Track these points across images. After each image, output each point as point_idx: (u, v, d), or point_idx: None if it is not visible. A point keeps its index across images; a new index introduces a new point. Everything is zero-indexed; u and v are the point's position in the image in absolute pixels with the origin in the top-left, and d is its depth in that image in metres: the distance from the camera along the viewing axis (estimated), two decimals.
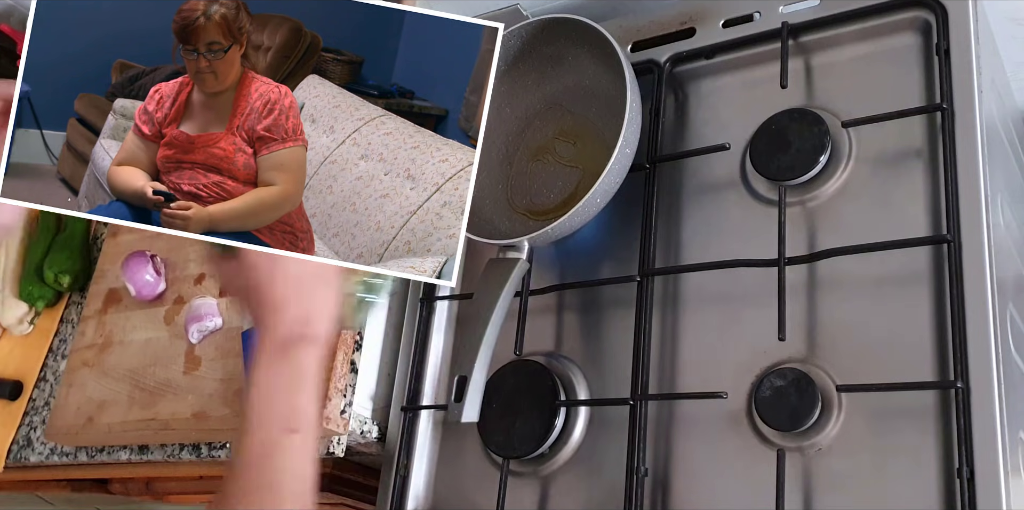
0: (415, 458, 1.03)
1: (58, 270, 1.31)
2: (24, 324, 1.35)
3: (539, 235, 0.94)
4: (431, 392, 1.06)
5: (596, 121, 1.02)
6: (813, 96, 0.97)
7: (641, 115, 0.95)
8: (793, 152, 0.92)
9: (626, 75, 0.94)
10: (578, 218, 0.93)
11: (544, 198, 1.03)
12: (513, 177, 1.06)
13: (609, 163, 0.91)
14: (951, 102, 0.87)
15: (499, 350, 0.98)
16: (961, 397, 0.77)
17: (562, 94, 1.06)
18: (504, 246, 0.96)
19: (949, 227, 0.83)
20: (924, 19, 0.93)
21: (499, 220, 1.03)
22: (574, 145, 1.03)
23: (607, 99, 1.01)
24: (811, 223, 0.92)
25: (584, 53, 1.02)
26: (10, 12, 1.48)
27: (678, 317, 0.95)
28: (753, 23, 1.02)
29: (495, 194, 1.04)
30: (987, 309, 0.79)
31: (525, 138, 1.07)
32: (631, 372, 0.92)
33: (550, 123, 1.06)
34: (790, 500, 0.81)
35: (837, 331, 0.86)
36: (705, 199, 0.99)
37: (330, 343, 0.76)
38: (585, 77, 1.03)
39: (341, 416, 1.00)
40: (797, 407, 0.83)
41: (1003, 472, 0.74)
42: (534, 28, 1.03)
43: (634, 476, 0.88)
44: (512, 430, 0.95)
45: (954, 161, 0.85)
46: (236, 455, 0.68)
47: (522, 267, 0.95)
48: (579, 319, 1.01)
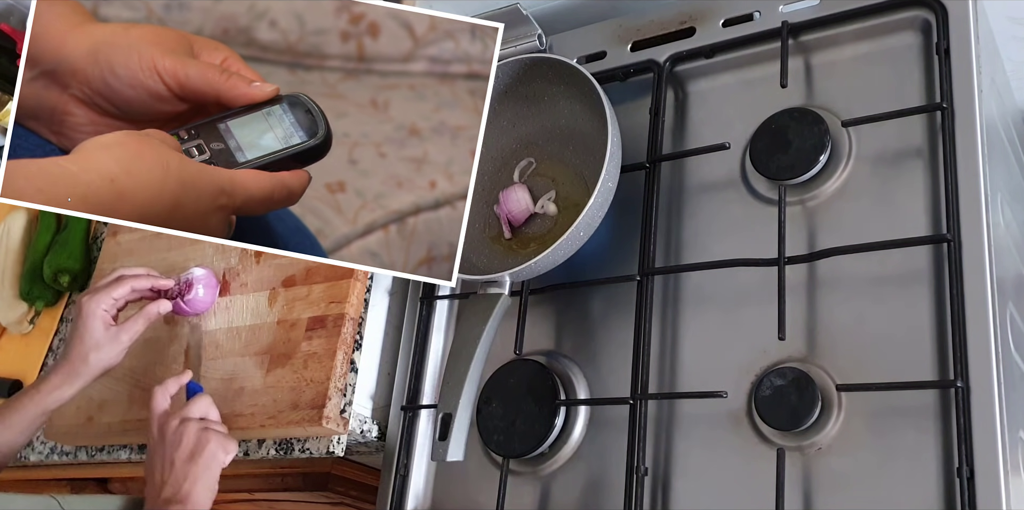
0: (415, 458, 1.03)
1: (58, 269, 1.31)
2: (24, 324, 1.35)
3: (522, 269, 0.93)
4: (431, 392, 1.06)
5: (573, 159, 1.03)
6: (813, 95, 0.97)
7: (622, 149, 0.96)
8: (793, 151, 0.92)
9: (606, 110, 0.94)
10: (562, 251, 0.93)
11: (524, 231, 1.04)
12: (490, 216, 1.06)
13: (592, 198, 0.91)
14: (951, 101, 0.87)
15: (499, 350, 0.98)
16: (961, 396, 0.77)
17: (538, 133, 1.06)
18: (486, 282, 0.95)
19: (949, 226, 0.83)
20: (924, 18, 0.93)
21: (476, 257, 1.04)
22: (552, 182, 1.04)
23: (583, 137, 1.02)
24: (811, 223, 0.92)
25: (560, 92, 1.03)
26: (10, 11, 1.48)
27: (678, 317, 0.95)
28: (753, 22, 1.02)
29: (472, 233, 1.04)
30: (987, 309, 0.79)
31: (501, 178, 1.08)
32: (631, 371, 0.92)
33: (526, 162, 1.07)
34: (790, 499, 0.81)
35: (837, 331, 0.86)
36: (705, 199, 0.99)
37: (203, 505, 0.89)
38: (561, 116, 1.04)
39: (341, 416, 1.00)
40: (797, 406, 0.83)
41: (1003, 472, 0.74)
42: (510, 68, 1.04)
43: (634, 475, 0.88)
44: (512, 429, 0.95)
45: (954, 160, 0.85)
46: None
47: (504, 303, 0.94)
48: (579, 319, 1.01)
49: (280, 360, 1.04)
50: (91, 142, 0.75)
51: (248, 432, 1.03)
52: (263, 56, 0.86)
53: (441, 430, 0.89)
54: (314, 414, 0.98)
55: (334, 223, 0.87)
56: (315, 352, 1.02)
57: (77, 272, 1.32)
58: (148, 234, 1.22)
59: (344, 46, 0.86)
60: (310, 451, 1.03)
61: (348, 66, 0.87)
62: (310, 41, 0.86)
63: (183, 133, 0.80)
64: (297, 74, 0.86)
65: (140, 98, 0.79)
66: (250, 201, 0.78)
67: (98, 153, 0.74)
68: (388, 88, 0.87)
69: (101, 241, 1.35)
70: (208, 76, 0.79)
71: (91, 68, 0.78)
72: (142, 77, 0.78)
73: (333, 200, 0.87)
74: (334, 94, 0.87)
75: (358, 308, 1.05)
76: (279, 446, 1.04)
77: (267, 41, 0.86)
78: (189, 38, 0.82)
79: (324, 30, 0.86)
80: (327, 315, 1.04)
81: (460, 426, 0.89)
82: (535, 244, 1.02)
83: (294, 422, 0.99)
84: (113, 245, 1.29)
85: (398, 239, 0.88)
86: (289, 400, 1.01)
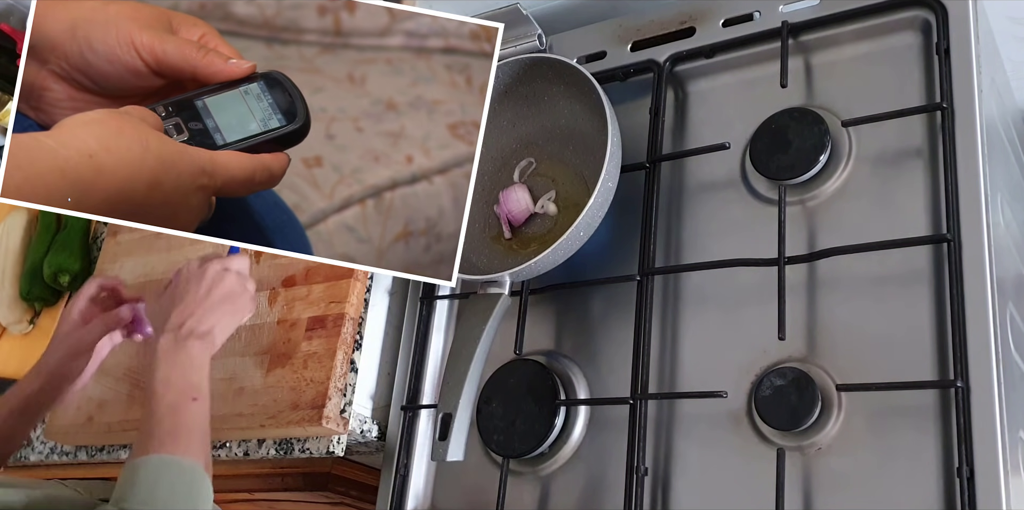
0: (415, 457, 1.03)
1: (58, 269, 1.31)
2: (24, 323, 1.35)
3: (522, 269, 0.93)
4: (431, 391, 1.06)
5: (573, 159, 1.03)
6: (813, 95, 0.97)
7: (622, 149, 0.96)
8: (793, 151, 0.92)
9: (606, 110, 0.94)
10: (562, 251, 0.93)
11: (524, 231, 1.04)
12: (490, 216, 1.06)
13: (592, 198, 0.91)
14: (951, 101, 0.87)
15: (499, 350, 0.98)
16: (961, 396, 0.77)
17: (538, 133, 1.06)
18: (486, 282, 0.95)
19: (949, 226, 0.83)
20: (924, 18, 0.93)
21: (476, 257, 1.04)
22: (552, 182, 1.04)
23: (583, 137, 1.02)
24: (811, 222, 0.92)
25: (560, 92, 1.03)
26: (10, 11, 1.48)
27: (678, 316, 0.95)
28: (753, 22, 1.02)
29: (472, 233, 1.04)
30: (987, 308, 0.79)
31: (501, 178, 1.08)
32: (631, 371, 0.92)
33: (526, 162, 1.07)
34: (790, 499, 0.81)
35: (837, 330, 0.86)
36: (705, 198, 0.99)
37: (218, 345, 0.88)
38: (561, 116, 1.04)
39: (341, 415, 1.00)
40: (797, 406, 0.83)
41: (1003, 471, 0.74)
42: (510, 68, 1.04)
43: (634, 475, 0.88)
44: (512, 429, 0.95)
45: (954, 160, 0.85)
46: (147, 416, 0.80)
47: (504, 303, 0.95)
48: (579, 319, 1.01)
49: (280, 360, 1.04)
50: (71, 119, 0.75)
51: (248, 432, 1.04)
52: (240, 30, 0.86)
53: (441, 430, 0.90)
54: (314, 414, 0.98)
55: (311, 198, 0.87)
56: (315, 352, 1.02)
57: (77, 272, 1.32)
58: (148, 234, 1.22)
59: (321, 20, 0.86)
60: (310, 451, 1.03)
61: (325, 40, 0.86)
62: (287, 15, 0.86)
63: (160, 109, 0.80)
64: (274, 49, 0.86)
65: (118, 73, 0.79)
66: (231, 182, 0.79)
67: (77, 129, 0.74)
68: (365, 63, 0.87)
69: (101, 241, 1.35)
70: (185, 52, 0.79)
71: (69, 43, 0.79)
72: (120, 52, 0.78)
73: (310, 175, 0.86)
74: (311, 69, 0.86)
75: (358, 308, 1.05)
76: (279, 446, 1.04)
77: (244, 15, 0.86)
78: (168, 14, 0.82)
79: (301, 4, 0.86)
80: (327, 315, 1.04)
81: (460, 426, 0.89)
82: (535, 244, 1.02)
83: (294, 422, 0.99)
84: (113, 245, 1.29)
85: (375, 214, 0.87)
86: (289, 400, 1.01)
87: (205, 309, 0.87)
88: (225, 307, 0.89)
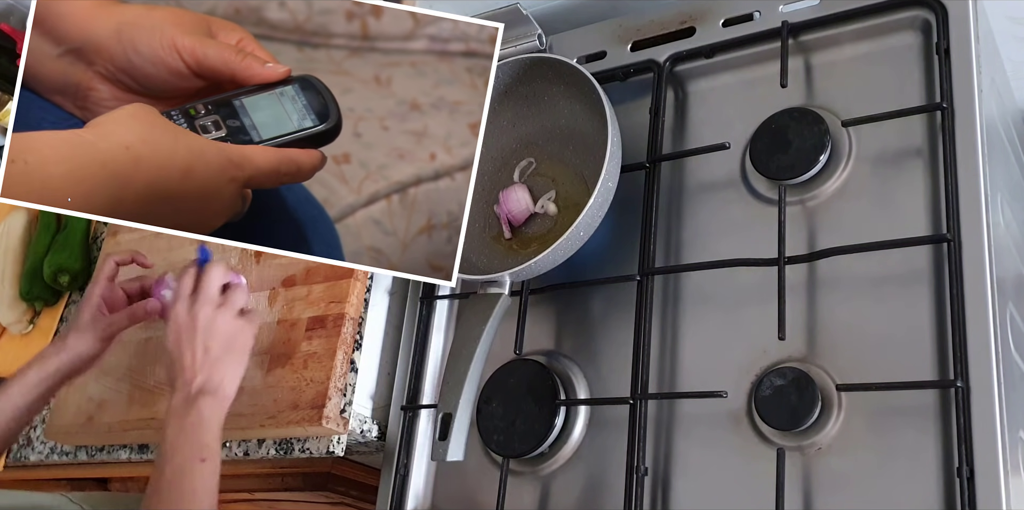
0: (415, 457, 1.03)
1: (58, 269, 1.31)
2: (24, 323, 1.35)
3: (522, 269, 0.94)
4: (431, 391, 1.06)
5: (573, 159, 1.03)
6: (813, 95, 0.97)
7: (622, 149, 0.96)
8: (793, 151, 0.92)
9: (606, 110, 0.94)
10: (562, 251, 0.93)
11: (524, 231, 1.04)
12: (490, 216, 1.06)
13: (592, 198, 0.91)
14: (951, 101, 0.87)
15: (499, 350, 0.98)
16: (961, 396, 0.77)
17: (538, 133, 1.06)
18: (485, 282, 0.95)
19: (949, 226, 0.83)
20: (924, 18, 0.93)
21: (476, 257, 1.04)
22: (552, 181, 1.04)
23: (583, 137, 1.02)
24: (811, 222, 0.92)
25: (560, 92, 1.04)
26: (10, 11, 1.48)
27: (678, 316, 0.95)
28: (753, 22, 1.02)
29: (472, 233, 1.04)
30: (987, 308, 0.79)
31: (501, 178, 1.08)
32: (631, 371, 0.92)
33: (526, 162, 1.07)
34: (790, 499, 0.81)
35: (837, 330, 0.86)
36: (705, 198, 0.99)
37: (231, 396, 0.89)
38: (561, 116, 1.04)
39: (341, 415, 1.00)
40: (797, 406, 0.83)
41: (1003, 472, 0.74)
42: (510, 68, 1.04)
43: (634, 475, 0.88)
44: (512, 429, 0.95)
45: (954, 160, 0.85)
46: (155, 479, 0.82)
47: (504, 303, 0.95)
48: (579, 319, 1.01)
49: (280, 360, 1.04)
50: (106, 116, 0.80)
51: (248, 432, 1.04)
52: (273, 35, 0.90)
53: (441, 430, 0.90)
54: (314, 414, 0.98)
55: (340, 193, 0.91)
56: (315, 352, 1.02)
57: (77, 272, 1.32)
58: (148, 234, 1.22)
59: (349, 25, 0.90)
60: (310, 451, 1.03)
61: (353, 44, 0.91)
62: (317, 20, 0.90)
63: (200, 107, 0.84)
64: (305, 52, 0.90)
65: (160, 75, 0.84)
66: (257, 174, 0.82)
67: (113, 125, 0.79)
68: (390, 65, 0.91)
69: (101, 241, 1.35)
70: (225, 56, 0.83)
71: (115, 46, 0.83)
72: (163, 55, 0.83)
73: (339, 171, 0.91)
74: (340, 71, 0.90)
75: (358, 308, 1.05)
76: (279, 446, 1.05)
77: (276, 20, 0.90)
78: (207, 19, 0.86)
79: (330, 10, 0.90)
80: (327, 315, 1.04)
81: (460, 426, 0.89)
82: (535, 244, 1.02)
83: (294, 422, 0.99)
84: (113, 245, 1.29)
85: (400, 208, 0.91)
86: (289, 400, 1.01)
87: (209, 366, 0.88)
88: (227, 358, 0.89)
